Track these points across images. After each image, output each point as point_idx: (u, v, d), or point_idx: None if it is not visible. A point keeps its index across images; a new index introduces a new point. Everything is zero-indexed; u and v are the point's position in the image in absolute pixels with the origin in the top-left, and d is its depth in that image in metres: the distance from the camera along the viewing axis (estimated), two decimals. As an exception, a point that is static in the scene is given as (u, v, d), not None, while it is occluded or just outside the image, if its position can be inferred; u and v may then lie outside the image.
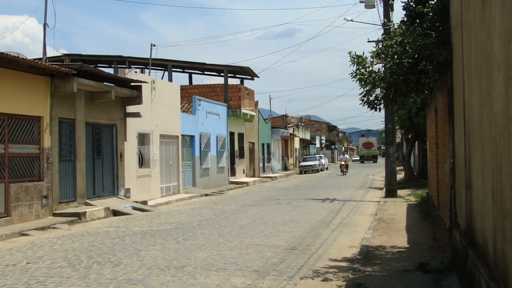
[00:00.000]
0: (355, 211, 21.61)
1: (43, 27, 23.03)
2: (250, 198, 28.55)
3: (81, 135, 21.54)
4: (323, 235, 15.25)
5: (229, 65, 43.89)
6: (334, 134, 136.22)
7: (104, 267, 11.07)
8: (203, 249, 13.01)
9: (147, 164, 27.68)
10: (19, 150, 18.42)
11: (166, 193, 29.75)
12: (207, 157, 37.05)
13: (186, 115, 34.06)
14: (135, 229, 17.08)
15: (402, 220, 17.92)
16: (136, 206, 23.13)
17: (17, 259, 12.24)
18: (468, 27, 7.79)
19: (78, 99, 21.24)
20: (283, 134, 67.50)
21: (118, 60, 42.87)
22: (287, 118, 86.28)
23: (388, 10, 28.36)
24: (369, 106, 12.42)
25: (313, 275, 10.15)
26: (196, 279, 9.90)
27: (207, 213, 21.57)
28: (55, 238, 15.60)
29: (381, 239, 14.05)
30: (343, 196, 28.71)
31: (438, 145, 14.57)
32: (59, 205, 19.99)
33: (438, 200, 15.00)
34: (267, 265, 11.13)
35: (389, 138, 29.08)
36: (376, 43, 14.20)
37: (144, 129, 27.16)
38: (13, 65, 17.78)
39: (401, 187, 31.43)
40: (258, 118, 51.97)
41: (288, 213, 20.82)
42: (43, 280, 10.02)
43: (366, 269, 10.39)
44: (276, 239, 14.51)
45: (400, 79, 11.30)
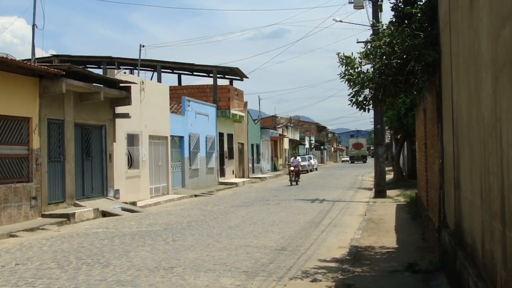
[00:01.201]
0: (344, 211, 21.64)
1: (32, 28, 22.94)
2: (239, 199, 28.55)
3: (70, 136, 21.47)
4: (312, 235, 15.27)
5: (218, 66, 43.90)
6: (324, 134, 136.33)
7: (93, 268, 11.04)
8: (192, 250, 12.99)
9: (136, 165, 27.63)
10: (8, 151, 18.34)
11: (155, 194, 29.70)
12: (196, 158, 37.02)
13: (175, 116, 34.02)
14: (124, 230, 17.05)
15: (391, 221, 17.96)
16: (125, 207, 23.09)
17: (6, 260, 12.18)
18: (456, 27, 7.82)
19: (67, 100, 21.17)
20: (272, 134, 67.53)
21: (107, 61, 42.74)
22: (277, 118, 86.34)
23: (377, 10, 28.44)
24: (358, 106, 12.44)
25: (302, 276, 10.16)
26: (185, 280, 9.89)
27: (196, 214, 21.55)
28: (44, 239, 15.54)
29: (370, 240, 14.08)
30: (332, 196, 28.75)
31: (427, 145, 14.63)
32: (48, 206, 19.92)
33: (427, 201, 15.05)
34: (257, 265, 11.14)
35: (378, 139, 29.15)
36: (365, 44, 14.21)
37: (133, 130, 27.11)
38: (1, 66, 17.71)
39: (390, 187, 31.52)
40: (247, 119, 51.99)
41: (277, 213, 20.83)
42: (32, 281, 9.98)
43: (355, 270, 10.41)
44: (265, 239, 14.52)
45: (388, 80, 11.32)
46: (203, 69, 44.92)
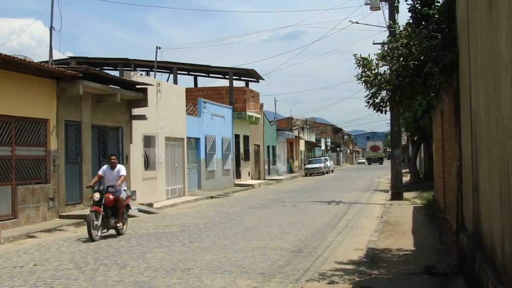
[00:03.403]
0: (360, 213, 21.59)
1: (49, 30, 23.12)
2: (255, 201, 28.55)
3: (87, 138, 21.58)
4: (329, 237, 15.24)
5: (234, 68, 43.92)
6: (340, 136, 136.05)
7: (111, 269, 11.09)
8: (209, 252, 13.01)
9: (152, 166, 27.71)
10: (26, 152, 18.47)
11: (171, 196, 29.77)
12: (212, 160, 37.06)
13: (192, 118, 34.08)
14: (141, 231, 17.10)
15: (408, 223, 17.90)
16: (141, 208, 23.16)
17: (24, 261, 12.26)
18: (475, 29, 7.78)
19: (84, 101, 21.28)
20: (288, 136, 67.46)
21: (123, 63, 42.95)
22: (292, 120, 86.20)
23: (394, 12, 28.34)
24: (374, 108, 12.41)
25: (319, 278, 10.14)
26: (202, 282, 9.90)
27: (212, 215, 21.58)
28: (61, 240, 15.63)
29: (387, 242, 14.03)
30: (348, 198, 28.68)
31: (444, 147, 14.55)
32: (66, 207, 20.03)
33: (445, 203, 14.97)
34: (273, 267, 11.13)
35: (394, 141, 29.04)
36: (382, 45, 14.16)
37: (149, 131, 27.19)
38: (20, 68, 17.84)
39: (407, 189, 31.35)
40: (263, 121, 51.97)
41: (293, 215, 20.81)
42: (50, 282, 10.04)
43: (372, 272, 10.38)
44: (281, 241, 14.50)
45: (406, 81, 11.28)
46: (219, 70, 45.01)
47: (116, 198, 16.03)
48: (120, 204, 16.07)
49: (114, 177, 16.36)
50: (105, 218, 15.68)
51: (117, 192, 16.20)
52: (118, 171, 16.50)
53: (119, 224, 16.11)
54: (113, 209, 15.98)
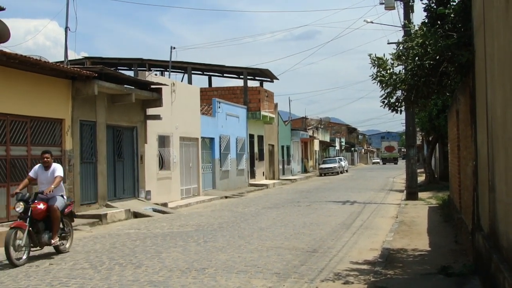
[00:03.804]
0: (375, 213, 21.52)
1: (64, 30, 23.22)
2: (270, 201, 28.54)
3: (102, 138, 21.66)
4: (343, 237, 15.20)
5: (248, 68, 43.91)
6: (354, 136, 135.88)
7: (126, 269, 11.12)
8: (223, 252, 13.01)
9: (167, 166, 27.78)
10: (41, 152, 18.54)
11: (186, 195, 29.83)
12: (227, 160, 37.10)
13: (206, 118, 34.12)
14: (156, 231, 17.14)
15: (423, 223, 17.82)
16: (156, 208, 23.22)
17: (40, 260, 12.32)
18: (491, 28, 7.73)
19: (99, 101, 21.36)
20: (302, 136, 67.40)
21: (138, 63, 43.04)
22: (307, 120, 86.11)
23: (409, 11, 28.24)
24: (390, 108, 12.39)
25: (334, 278, 10.11)
26: (217, 282, 9.90)
27: (227, 215, 21.59)
28: (77, 239, 15.64)
29: (403, 242, 13.98)
30: (363, 198, 28.60)
31: (460, 147, 14.48)
32: (81, 207, 20.11)
33: (460, 203, 14.90)
34: (288, 267, 11.11)
35: (409, 141, 28.94)
36: (397, 45, 14.12)
37: (164, 131, 27.25)
38: (35, 68, 17.93)
39: (422, 189, 31.23)
40: (277, 120, 51.94)
41: (308, 215, 20.78)
42: (66, 281, 10.08)
43: (387, 272, 10.34)
44: (296, 241, 14.48)
45: (421, 81, 11.25)
46: (233, 70, 45.02)
47: (49, 207, 12.70)
48: (55, 215, 12.72)
49: (48, 180, 12.95)
50: (36, 234, 12.39)
51: (51, 199, 12.84)
52: (53, 171, 13.02)
53: (54, 240, 12.73)
54: (46, 222, 12.71)
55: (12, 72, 17.16)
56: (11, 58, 16.42)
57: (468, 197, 12.25)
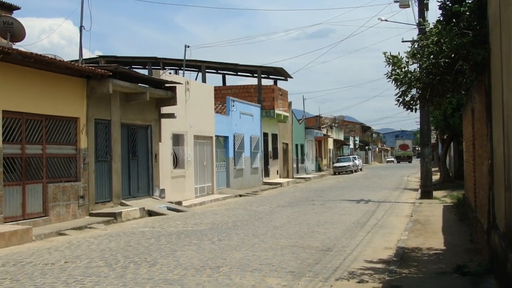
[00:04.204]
0: (390, 212, 21.47)
1: (79, 29, 23.32)
2: (284, 199, 28.53)
3: (116, 136, 21.73)
4: (358, 236, 15.18)
5: (262, 66, 43.92)
6: (368, 135, 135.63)
7: (141, 267, 11.15)
8: (238, 250, 13.02)
9: (181, 164, 27.83)
10: (56, 150, 18.65)
11: (200, 194, 29.87)
12: (241, 158, 37.11)
13: (220, 116, 34.15)
14: (170, 230, 17.18)
15: (438, 222, 17.76)
16: (170, 206, 23.26)
17: (56, 258, 12.39)
18: (508, 26, 7.68)
19: (113, 100, 21.43)
20: (316, 135, 67.32)
21: (152, 62, 43.13)
22: (321, 118, 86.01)
23: (423, 9, 28.09)
24: (404, 106, 12.36)
25: (348, 277, 10.10)
26: (232, 280, 9.91)
27: (241, 213, 21.61)
28: (92, 237, 15.75)
29: (417, 241, 13.94)
30: (377, 197, 28.54)
31: (475, 146, 14.41)
32: (95, 205, 20.19)
33: (475, 202, 14.83)
34: (303, 266, 11.11)
35: (424, 139, 28.82)
36: (412, 43, 14.08)
37: (178, 130, 27.30)
38: (50, 67, 18.01)
39: (436, 188, 31.13)
40: (291, 119, 51.91)
41: (322, 214, 20.76)
42: (81, 279, 10.13)
43: (402, 271, 10.32)
44: (311, 240, 14.47)
45: (436, 79, 11.21)
46: (247, 69, 45.00)
47: None
48: None
49: None
50: None
51: None
52: None
53: None
54: None
55: (28, 71, 17.25)
56: (26, 57, 16.51)
57: (483, 195, 12.19)
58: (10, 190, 16.65)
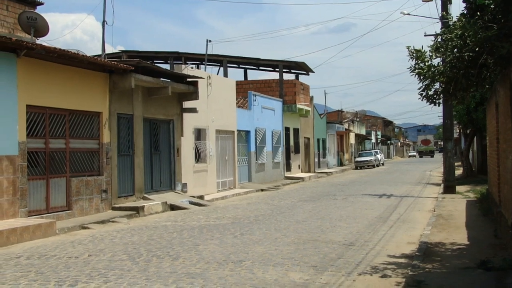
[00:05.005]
0: (412, 207, 21.36)
1: (102, 24, 23.41)
2: (306, 194, 28.51)
3: (139, 131, 21.82)
4: (380, 231, 15.12)
5: (284, 60, 43.81)
6: (390, 129, 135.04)
7: (163, 261, 11.20)
8: (260, 244, 13.04)
9: (203, 159, 27.89)
10: (80, 145, 18.78)
11: (222, 188, 29.94)
12: (262, 152, 37.11)
13: (242, 111, 34.17)
14: (192, 224, 17.23)
15: (461, 217, 17.64)
16: (193, 200, 23.33)
17: (79, 252, 12.48)
18: (533, 19, 7.60)
19: (135, 95, 21.52)
20: (338, 129, 67.13)
21: (174, 56, 43.23)
22: (342, 113, 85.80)
23: (446, 3, 27.86)
24: (428, 100, 12.28)
25: (371, 271, 10.07)
26: (254, 274, 9.93)
27: (263, 208, 21.62)
28: (114, 231, 15.85)
29: (440, 236, 13.85)
30: (400, 192, 28.42)
31: (499, 140, 14.28)
32: (118, 199, 20.31)
33: (499, 197, 14.70)
34: (325, 260, 11.09)
35: (447, 134, 28.62)
36: (435, 37, 14.00)
37: (200, 124, 27.36)
38: (73, 62, 18.12)
39: (459, 183, 30.89)
40: (313, 113, 51.80)
41: (344, 208, 20.71)
42: (105, 272, 10.20)
43: (425, 266, 10.27)
44: (333, 234, 14.45)
45: (460, 73, 11.12)
46: (269, 63, 44.95)
47: None
48: None
49: None
50: None
51: None
52: None
53: None
54: None
55: (51, 66, 17.37)
56: (50, 52, 16.62)
57: (508, 190, 12.09)
58: (34, 184, 16.80)
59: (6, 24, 19.20)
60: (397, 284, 9.15)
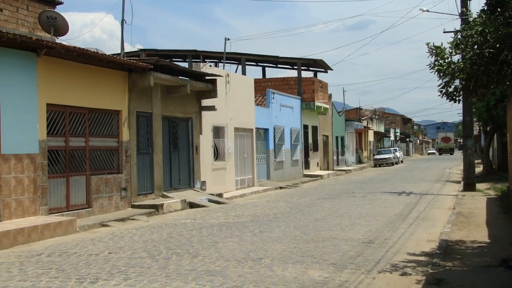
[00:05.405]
0: (432, 205, 21.26)
1: (120, 23, 23.50)
2: (324, 191, 28.46)
3: (157, 129, 21.89)
4: (400, 228, 15.06)
5: (302, 58, 43.76)
6: (409, 126, 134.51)
7: (183, 258, 11.23)
8: (279, 242, 13.03)
9: (222, 157, 27.92)
10: (99, 143, 18.86)
11: (241, 186, 29.96)
12: (281, 150, 37.09)
13: (260, 108, 34.17)
14: (211, 221, 17.26)
15: (481, 214, 17.53)
16: (211, 198, 23.36)
17: (99, 249, 12.55)
18: (555, 15, 7.53)
19: (154, 93, 21.58)
20: (357, 127, 66.94)
21: (192, 55, 43.30)
22: (361, 110, 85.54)
23: (466, -1, 27.69)
24: (448, 97, 12.20)
25: (391, 269, 10.04)
26: (274, 271, 9.92)
27: (282, 206, 21.61)
28: (134, 229, 15.91)
29: (461, 234, 13.78)
30: (419, 189, 28.30)
31: (520, 137, 14.19)
32: (137, 197, 20.39)
33: (520, 194, 14.61)
34: (344, 258, 11.07)
35: (467, 131, 28.45)
36: (454, 33, 13.87)
37: (219, 122, 27.39)
38: (92, 61, 18.20)
39: (479, 180, 30.72)
40: (331, 111, 51.70)
41: (363, 206, 20.65)
42: (125, 269, 10.24)
43: (446, 264, 10.22)
44: (352, 232, 14.42)
45: (480, 70, 11.04)
46: (287, 61, 44.92)
47: None
48: None
49: None
50: None
51: None
52: None
53: None
54: None
55: (71, 64, 17.45)
56: (69, 51, 16.71)
57: (529, 188, 12.01)
58: (55, 182, 16.91)
59: (27, 24, 19.31)
60: (417, 282, 9.12)
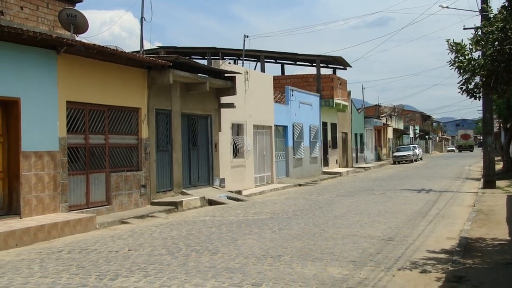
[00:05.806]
0: (452, 202, 21.15)
1: (140, 21, 23.59)
2: (343, 188, 28.41)
3: (177, 126, 21.95)
4: (419, 226, 14.99)
5: (321, 55, 43.65)
6: (428, 124, 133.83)
7: (202, 255, 11.26)
8: (298, 239, 13.03)
9: (241, 154, 27.95)
10: (119, 140, 18.95)
11: (259, 183, 29.97)
12: (300, 147, 37.05)
13: (279, 106, 34.15)
14: (230, 218, 17.29)
15: (502, 212, 17.40)
16: (230, 195, 23.40)
17: (119, 246, 12.61)
18: None
19: (173, 90, 21.65)
20: (376, 124, 66.74)
21: (211, 52, 43.37)
22: (380, 108, 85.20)
23: (486, -5, 27.51)
24: (468, 94, 12.13)
25: (411, 267, 10.01)
26: (293, 269, 9.93)
27: (301, 203, 21.59)
28: (153, 226, 15.97)
29: (481, 231, 13.69)
30: (439, 187, 28.16)
31: (541, 134, 14.08)
32: (157, 194, 20.46)
33: (541, 191, 14.50)
34: (364, 255, 11.05)
35: (487, 128, 28.27)
36: (475, 30, 13.80)
37: (238, 119, 27.42)
38: (112, 58, 18.28)
39: (499, 178, 30.47)
40: (350, 108, 51.56)
41: (383, 203, 20.58)
42: (145, 266, 10.29)
43: (466, 262, 10.16)
44: (371, 229, 14.37)
45: (501, 67, 10.96)
46: (306, 58, 44.87)
47: None
48: None
49: None
50: None
51: None
52: None
53: None
54: None
55: (90, 62, 17.55)
56: (89, 48, 16.80)
57: (550, 185, 11.91)
58: (75, 179, 17.02)
59: (47, 22, 19.41)
60: (437, 280, 9.08)
